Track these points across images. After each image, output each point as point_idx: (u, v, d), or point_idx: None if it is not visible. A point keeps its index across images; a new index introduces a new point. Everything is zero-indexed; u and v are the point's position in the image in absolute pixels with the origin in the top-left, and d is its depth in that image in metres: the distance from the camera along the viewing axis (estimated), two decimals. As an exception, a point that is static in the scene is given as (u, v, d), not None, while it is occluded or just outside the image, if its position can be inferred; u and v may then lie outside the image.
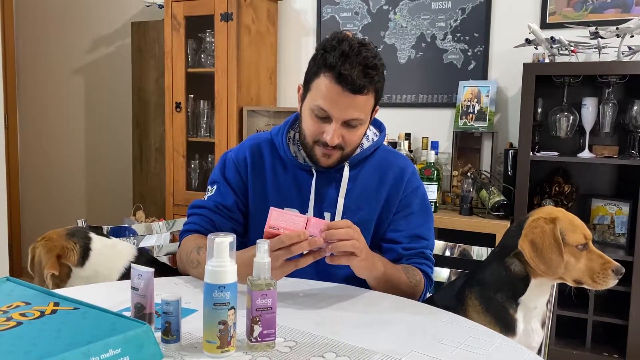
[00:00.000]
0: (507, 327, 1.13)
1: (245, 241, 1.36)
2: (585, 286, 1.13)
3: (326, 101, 1.21)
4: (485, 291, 1.18)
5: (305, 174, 1.35)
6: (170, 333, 0.88)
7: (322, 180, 1.35)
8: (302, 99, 1.31)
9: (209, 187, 1.40)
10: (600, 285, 1.11)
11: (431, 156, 2.53)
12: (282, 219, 1.06)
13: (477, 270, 1.24)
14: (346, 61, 1.17)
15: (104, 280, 1.35)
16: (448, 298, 1.25)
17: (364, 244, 1.11)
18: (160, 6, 3.08)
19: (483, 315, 1.16)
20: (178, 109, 2.94)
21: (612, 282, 1.10)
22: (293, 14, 3.10)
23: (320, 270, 1.32)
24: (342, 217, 1.32)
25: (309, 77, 1.27)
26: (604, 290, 2.31)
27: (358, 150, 1.37)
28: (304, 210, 1.33)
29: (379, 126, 1.47)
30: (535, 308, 1.15)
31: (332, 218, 1.33)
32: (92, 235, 1.42)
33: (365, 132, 1.35)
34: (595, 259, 1.12)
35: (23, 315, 0.69)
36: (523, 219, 1.19)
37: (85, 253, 1.40)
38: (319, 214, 1.33)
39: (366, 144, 1.39)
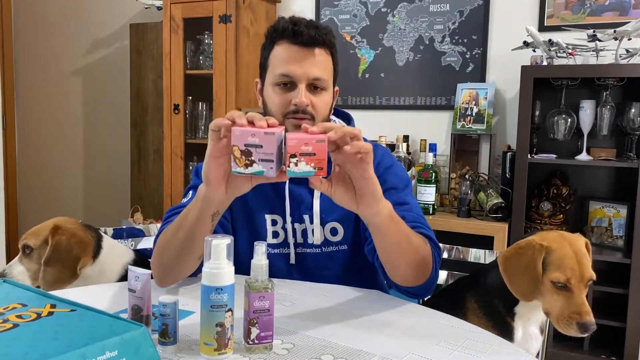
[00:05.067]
0: (504, 333, 1.13)
1: None
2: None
3: (287, 64, 1.22)
4: (484, 296, 1.18)
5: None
6: (168, 335, 0.88)
7: (295, 184, 1.31)
8: (262, 86, 1.31)
9: (184, 196, 1.33)
10: (560, 329, 1.05)
11: (429, 158, 2.53)
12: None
13: (479, 273, 1.24)
14: (296, 23, 1.23)
15: (104, 282, 1.33)
16: (449, 300, 1.25)
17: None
18: (159, 8, 3.09)
19: (482, 319, 1.16)
20: (176, 111, 2.94)
21: (572, 333, 1.04)
22: (292, 15, 3.10)
23: (312, 277, 1.31)
24: (320, 218, 1.29)
25: (263, 59, 1.29)
26: (602, 293, 2.31)
27: None
28: (284, 215, 1.30)
29: (346, 118, 1.43)
30: (529, 319, 1.14)
31: (311, 220, 1.30)
32: (102, 233, 1.40)
33: (332, 108, 1.31)
34: (570, 305, 1.05)
35: (19, 317, 0.68)
36: (532, 234, 1.16)
37: (97, 250, 1.36)
38: (298, 218, 1.30)
39: None
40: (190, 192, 1.33)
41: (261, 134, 0.90)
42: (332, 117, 1.39)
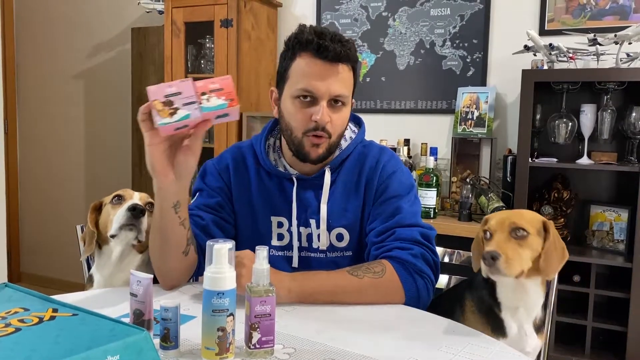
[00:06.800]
0: (496, 327, 1.14)
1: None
2: None
3: (309, 79, 1.19)
4: (477, 291, 1.20)
5: (287, 182, 1.32)
6: (169, 339, 0.88)
7: (303, 188, 1.31)
8: (280, 96, 1.29)
9: (192, 198, 1.34)
10: (484, 273, 1.10)
11: (430, 162, 2.53)
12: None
13: (477, 273, 1.25)
14: (321, 35, 1.19)
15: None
16: (451, 301, 1.26)
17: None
18: (161, 12, 3.10)
19: (477, 315, 1.17)
20: (178, 115, 2.94)
21: (484, 269, 1.07)
22: (293, 20, 3.12)
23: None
24: (328, 223, 1.29)
25: (283, 69, 1.26)
26: (603, 297, 2.32)
27: (337, 152, 1.32)
28: (291, 218, 1.31)
29: (358, 122, 1.41)
30: (517, 309, 1.14)
31: (317, 225, 1.30)
32: None
33: (347, 122, 1.30)
34: (487, 248, 1.10)
35: (21, 321, 0.68)
36: None
37: None
38: (304, 222, 1.31)
39: (344, 144, 1.34)
40: (197, 193, 1.34)
41: (177, 83, 0.97)
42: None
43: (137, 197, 1.28)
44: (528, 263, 1.08)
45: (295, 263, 1.31)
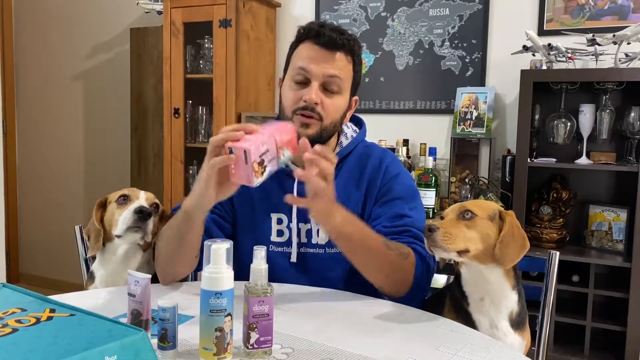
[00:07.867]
0: (466, 322, 1.13)
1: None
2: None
3: (305, 60, 1.25)
4: (452, 288, 1.21)
5: (288, 178, 1.32)
6: (167, 340, 0.88)
7: (303, 184, 1.32)
8: (282, 82, 1.33)
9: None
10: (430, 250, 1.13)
11: (429, 162, 2.53)
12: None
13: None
14: (324, 26, 1.26)
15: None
16: (436, 300, 1.27)
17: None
18: (159, 12, 3.10)
19: (452, 311, 1.18)
20: (176, 115, 2.94)
21: (426, 243, 1.10)
22: (291, 20, 3.12)
23: (314, 277, 1.31)
24: None
25: (287, 58, 1.32)
26: (602, 297, 2.32)
27: (338, 149, 1.34)
28: (290, 215, 1.32)
29: (358, 122, 1.44)
30: (482, 300, 1.13)
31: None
32: None
33: (344, 115, 1.31)
34: None
35: (19, 321, 0.68)
36: None
37: None
38: (303, 218, 1.31)
39: (345, 141, 1.36)
40: None
41: (265, 139, 1.00)
42: (346, 125, 1.39)
43: (143, 198, 1.30)
44: (476, 244, 1.09)
45: (293, 258, 1.32)
